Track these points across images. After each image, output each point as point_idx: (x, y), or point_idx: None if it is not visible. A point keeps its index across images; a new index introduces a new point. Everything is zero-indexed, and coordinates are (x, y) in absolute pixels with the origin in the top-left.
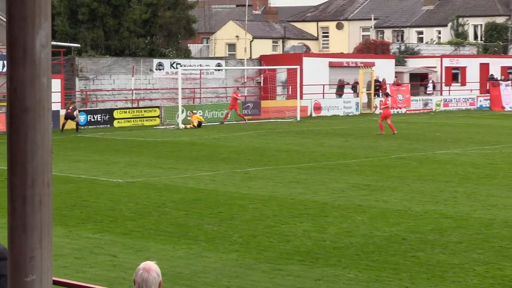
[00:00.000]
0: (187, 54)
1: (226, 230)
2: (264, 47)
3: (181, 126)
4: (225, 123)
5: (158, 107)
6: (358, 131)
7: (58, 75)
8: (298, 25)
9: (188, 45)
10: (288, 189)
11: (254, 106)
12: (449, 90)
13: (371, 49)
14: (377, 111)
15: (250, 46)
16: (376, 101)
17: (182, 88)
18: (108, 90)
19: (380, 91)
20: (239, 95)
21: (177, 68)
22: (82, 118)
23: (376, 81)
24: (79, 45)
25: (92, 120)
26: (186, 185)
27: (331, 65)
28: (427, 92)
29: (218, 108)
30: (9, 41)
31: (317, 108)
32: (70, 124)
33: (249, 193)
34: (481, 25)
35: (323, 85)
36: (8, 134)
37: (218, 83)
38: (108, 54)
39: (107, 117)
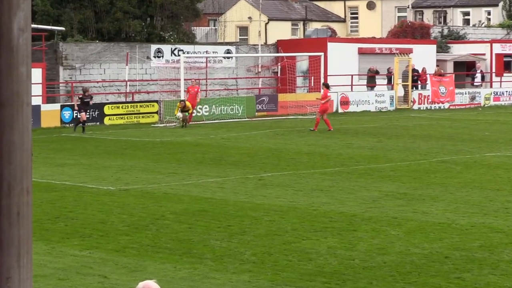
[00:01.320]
0: (191, 39)
1: (236, 247)
2: (281, 31)
3: (176, 119)
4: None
5: (156, 101)
6: (393, 129)
7: (39, 64)
8: (322, 4)
9: (193, 28)
10: (310, 198)
11: (269, 100)
12: (500, 82)
13: (408, 33)
14: (415, 106)
15: (265, 29)
16: (414, 94)
17: (185, 79)
18: (97, 82)
19: (419, 82)
20: (199, 89)
21: (179, 55)
22: (67, 114)
23: (414, 70)
24: (63, 29)
25: (79, 117)
26: (190, 194)
27: (361, 52)
28: (475, 83)
29: (227, 102)
30: None
31: (344, 102)
32: (52, 120)
33: (263, 203)
34: None
35: (351, 75)
36: None
37: (228, 73)
38: (98, 39)
39: (96, 113)
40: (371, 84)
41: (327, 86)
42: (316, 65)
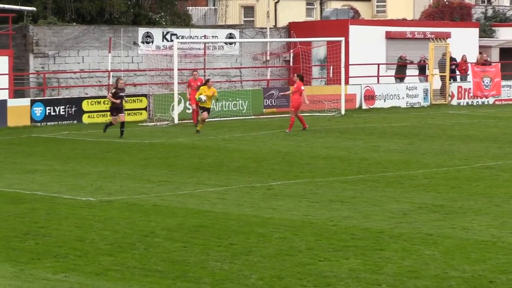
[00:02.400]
0: (186, 22)
1: (240, 269)
2: (294, 12)
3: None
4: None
5: (145, 95)
6: (427, 129)
7: (5, 51)
8: None
9: (188, 8)
10: (328, 211)
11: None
12: None
13: (446, 14)
14: (454, 102)
15: (275, 9)
16: (453, 87)
17: (179, 69)
18: (75, 72)
19: (458, 73)
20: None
21: (172, 40)
22: (38, 111)
23: (453, 59)
24: (34, 9)
25: (53, 114)
26: (185, 206)
27: (389, 37)
28: None
29: (229, 96)
30: None
31: (369, 97)
32: (21, 118)
33: (273, 216)
34: None
35: (378, 64)
36: None
37: (230, 62)
38: (75, 21)
39: (73, 109)
40: (401, 75)
41: (301, 77)
42: (336, 52)
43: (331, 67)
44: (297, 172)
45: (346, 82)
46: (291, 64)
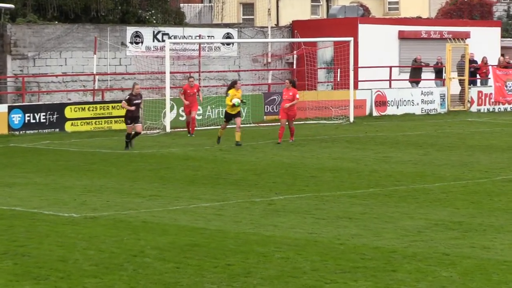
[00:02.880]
0: (179, 20)
1: None
2: (298, 9)
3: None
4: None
5: None
6: (444, 139)
7: None
8: None
9: (181, 5)
10: (335, 228)
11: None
12: None
13: (464, 12)
14: (473, 108)
15: (277, 7)
16: (472, 91)
17: (171, 73)
18: (56, 76)
19: (478, 76)
20: (199, 89)
21: (163, 41)
22: (17, 118)
23: (473, 61)
24: (12, 6)
25: (32, 121)
26: (177, 223)
27: (402, 37)
28: None
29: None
30: None
31: (381, 103)
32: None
33: (274, 234)
34: None
35: (390, 67)
36: None
37: (228, 65)
38: (57, 20)
39: (55, 116)
40: (415, 78)
41: (293, 83)
42: (344, 54)
43: (339, 70)
44: (301, 186)
45: (355, 87)
46: (294, 66)
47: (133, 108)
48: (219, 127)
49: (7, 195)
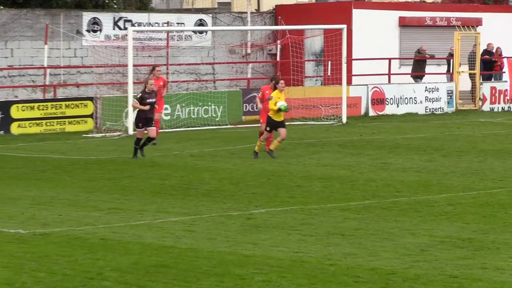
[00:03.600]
0: (143, 5)
1: None
2: None
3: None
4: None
5: (91, 99)
6: (452, 142)
7: None
8: None
9: None
10: (325, 247)
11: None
12: None
13: None
14: (486, 107)
15: None
16: (485, 88)
17: (134, 65)
18: (1, 69)
19: (493, 69)
20: (165, 84)
21: (126, 29)
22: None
23: (486, 52)
24: None
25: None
26: (141, 241)
27: (404, 24)
28: None
29: (199, 100)
30: None
31: (378, 101)
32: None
33: (254, 254)
34: None
35: (389, 59)
36: None
37: (200, 56)
38: (2, 5)
39: None
40: (419, 72)
41: (275, 81)
42: (335, 44)
43: (330, 62)
44: (285, 197)
45: (349, 82)
46: (278, 58)
47: (147, 107)
48: (190, 129)
49: None
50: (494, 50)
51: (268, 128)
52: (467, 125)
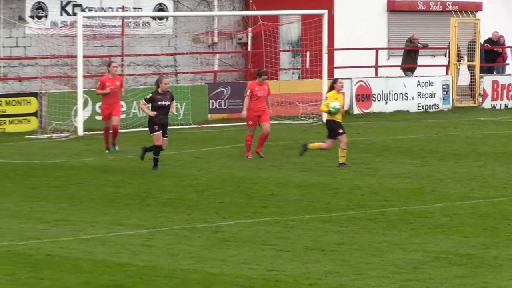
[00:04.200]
0: None
1: None
2: None
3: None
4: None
5: (35, 94)
6: (448, 144)
7: None
8: None
9: None
10: (303, 264)
11: (233, 92)
12: None
13: None
14: (487, 104)
15: None
16: (485, 82)
17: (85, 57)
18: None
19: (497, 61)
20: (122, 81)
21: (75, 14)
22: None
23: (490, 41)
24: None
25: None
26: (93, 257)
27: (393, 9)
28: None
29: None
30: None
31: (364, 97)
32: None
33: (222, 272)
34: None
35: (376, 49)
36: None
37: (160, 46)
38: None
39: None
40: (410, 64)
41: (262, 74)
42: (315, 32)
43: (308, 53)
44: (257, 207)
45: (330, 76)
46: (249, 48)
47: (153, 113)
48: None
49: None
50: (495, 37)
51: (341, 131)
52: (466, 124)
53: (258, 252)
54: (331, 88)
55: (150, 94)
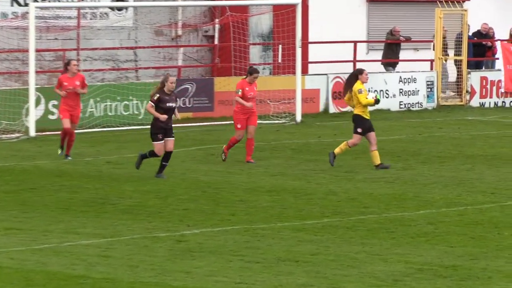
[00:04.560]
0: None
1: None
2: None
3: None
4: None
5: None
6: (433, 146)
7: None
8: None
9: None
10: (275, 276)
11: (198, 90)
12: None
13: None
14: (475, 102)
15: None
16: (473, 78)
17: (37, 50)
18: None
19: (485, 55)
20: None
21: (26, 5)
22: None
23: (479, 34)
24: None
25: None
26: (46, 268)
27: (372, 0)
28: None
29: (118, 93)
30: None
31: (341, 94)
32: None
33: (186, 285)
34: None
35: (354, 42)
36: None
37: (119, 39)
38: None
39: None
40: (391, 59)
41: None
42: (288, 23)
43: (280, 46)
44: (225, 215)
45: (304, 71)
46: (216, 41)
47: (164, 116)
48: (107, 129)
49: None
50: (485, 30)
51: (360, 130)
52: (452, 124)
53: (225, 264)
54: (355, 78)
55: (158, 95)
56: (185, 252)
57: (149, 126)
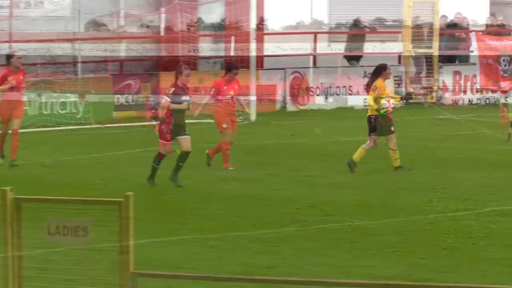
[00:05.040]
0: None
1: None
2: None
3: None
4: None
5: None
6: (402, 147)
7: None
8: None
9: None
10: None
11: (143, 86)
12: None
13: None
14: (446, 98)
15: None
16: (445, 73)
17: None
18: None
19: (459, 48)
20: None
21: None
22: None
23: (453, 25)
24: None
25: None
26: None
27: None
28: None
29: (54, 90)
30: None
31: (300, 91)
32: None
33: None
34: None
35: (314, 33)
36: None
37: (55, 30)
38: None
39: None
40: (355, 52)
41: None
42: (241, 12)
43: (233, 38)
44: (173, 223)
45: (259, 65)
46: (161, 33)
47: (184, 106)
48: (43, 129)
49: None
50: (462, 22)
51: (373, 130)
52: (421, 123)
53: (171, 278)
54: (377, 74)
55: (173, 88)
56: (127, 266)
57: (88, 126)
